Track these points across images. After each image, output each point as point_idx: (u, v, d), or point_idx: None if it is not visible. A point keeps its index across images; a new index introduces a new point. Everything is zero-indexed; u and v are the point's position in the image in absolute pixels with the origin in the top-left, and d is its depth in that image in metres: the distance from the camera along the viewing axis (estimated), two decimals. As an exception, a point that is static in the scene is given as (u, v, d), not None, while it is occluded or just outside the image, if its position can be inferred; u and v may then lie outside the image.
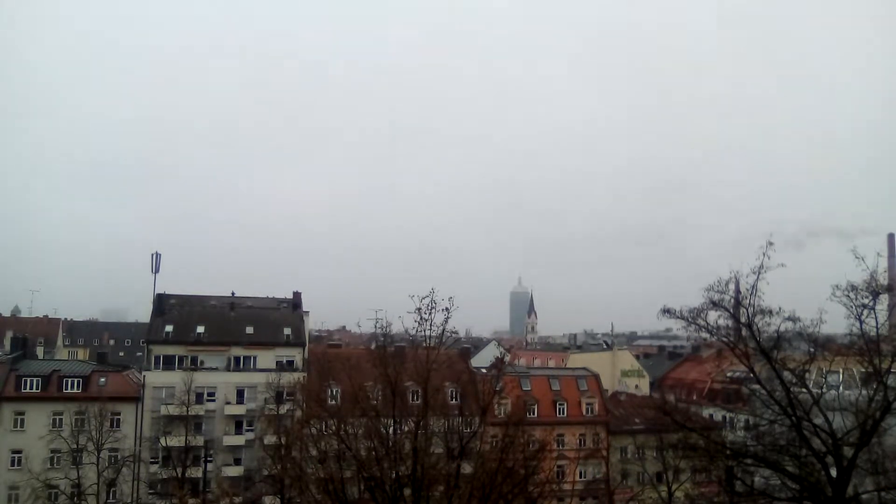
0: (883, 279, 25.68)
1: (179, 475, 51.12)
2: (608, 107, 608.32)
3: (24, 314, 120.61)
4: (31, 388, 55.73)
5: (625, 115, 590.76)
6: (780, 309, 26.11)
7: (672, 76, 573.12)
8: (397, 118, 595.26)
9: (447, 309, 24.30)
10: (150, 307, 63.74)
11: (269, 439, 50.24)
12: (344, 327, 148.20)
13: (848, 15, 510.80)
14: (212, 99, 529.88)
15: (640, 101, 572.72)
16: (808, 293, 29.50)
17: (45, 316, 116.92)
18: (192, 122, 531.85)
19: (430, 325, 24.35)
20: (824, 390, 27.67)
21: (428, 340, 25.03)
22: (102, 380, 58.14)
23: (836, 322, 26.36)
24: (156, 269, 67.57)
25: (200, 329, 62.50)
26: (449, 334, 25.14)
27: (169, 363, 59.54)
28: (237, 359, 61.47)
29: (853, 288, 25.12)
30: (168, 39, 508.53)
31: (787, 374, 26.24)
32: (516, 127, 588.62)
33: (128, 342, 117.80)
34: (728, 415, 60.41)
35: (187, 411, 53.48)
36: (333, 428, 26.94)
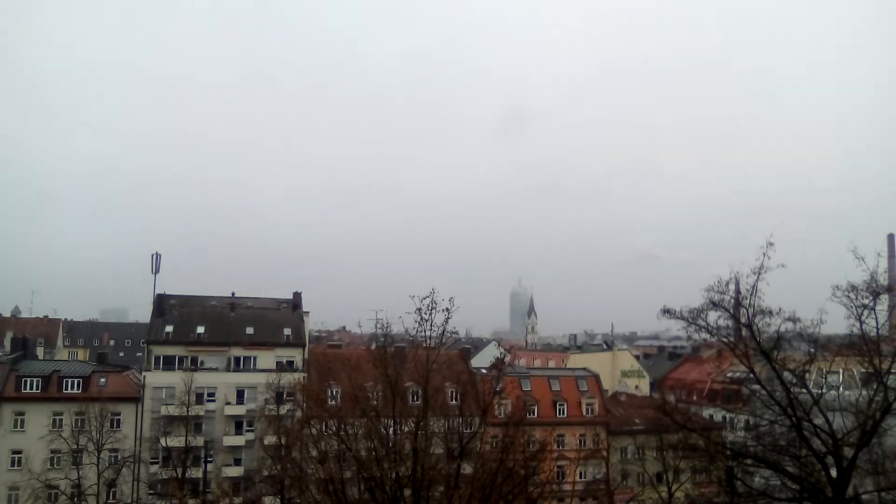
0: (883, 279, 25.59)
1: (179, 476, 51.06)
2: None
3: (24, 314, 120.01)
4: (31, 388, 55.70)
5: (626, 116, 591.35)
6: (780, 309, 26.02)
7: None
8: (395, 120, 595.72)
9: (447, 309, 24.35)
10: (150, 307, 63.73)
11: (269, 440, 50.26)
12: (344, 327, 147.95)
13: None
14: (212, 102, 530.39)
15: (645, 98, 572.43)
16: (809, 293, 29.44)
17: (45, 316, 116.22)
18: (192, 125, 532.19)
19: (430, 325, 24.41)
20: (824, 391, 27.59)
21: (428, 341, 25.03)
22: (102, 380, 58.13)
23: (837, 322, 26.30)
24: (156, 270, 67.62)
25: (200, 329, 62.48)
26: (449, 334, 25.15)
27: (169, 363, 59.53)
28: (237, 359, 61.46)
29: (853, 288, 25.03)
30: (165, 52, 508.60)
31: (787, 375, 26.16)
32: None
33: (128, 342, 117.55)
34: (728, 415, 60.39)
35: (187, 412, 53.38)
36: (333, 428, 26.89)
